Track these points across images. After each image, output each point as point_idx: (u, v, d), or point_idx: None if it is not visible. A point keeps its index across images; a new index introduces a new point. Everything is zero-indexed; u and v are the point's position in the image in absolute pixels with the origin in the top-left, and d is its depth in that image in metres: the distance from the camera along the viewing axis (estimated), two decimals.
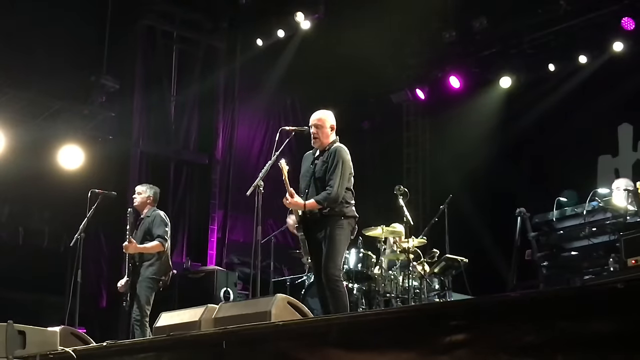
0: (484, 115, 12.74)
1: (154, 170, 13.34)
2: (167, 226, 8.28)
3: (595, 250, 6.89)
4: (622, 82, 11.07)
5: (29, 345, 5.67)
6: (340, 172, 6.42)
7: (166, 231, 8.21)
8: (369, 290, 9.19)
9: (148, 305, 7.99)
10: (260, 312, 5.36)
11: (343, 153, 6.53)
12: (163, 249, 8.13)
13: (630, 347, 3.35)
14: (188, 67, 14.04)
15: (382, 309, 8.69)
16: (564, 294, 3.86)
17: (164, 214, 8.38)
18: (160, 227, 8.18)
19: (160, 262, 8.14)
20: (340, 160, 6.46)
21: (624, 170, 11.16)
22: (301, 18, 13.16)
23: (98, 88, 12.13)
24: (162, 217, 8.30)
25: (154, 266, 8.12)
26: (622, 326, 3.38)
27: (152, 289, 8.08)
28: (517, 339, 3.71)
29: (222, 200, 13.98)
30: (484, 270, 10.53)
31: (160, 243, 8.08)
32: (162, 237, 8.12)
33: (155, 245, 8.09)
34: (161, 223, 8.22)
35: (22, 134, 11.37)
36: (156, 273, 8.11)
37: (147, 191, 8.48)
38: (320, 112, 6.73)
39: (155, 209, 8.42)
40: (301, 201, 6.44)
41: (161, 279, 8.14)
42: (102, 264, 12.22)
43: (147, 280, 8.06)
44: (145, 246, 8.10)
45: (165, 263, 8.22)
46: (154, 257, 8.15)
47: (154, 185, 8.76)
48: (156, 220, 8.22)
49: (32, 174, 11.58)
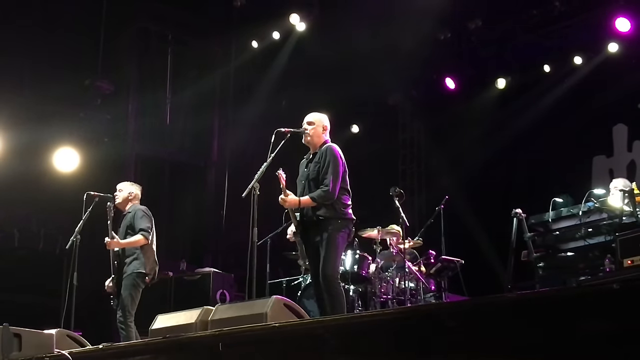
0: (479, 116, 12.75)
1: (149, 172, 13.34)
2: (150, 219, 8.00)
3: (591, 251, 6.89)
4: (617, 82, 11.08)
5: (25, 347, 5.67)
6: (334, 170, 6.43)
7: (149, 225, 7.92)
8: (365, 292, 9.19)
9: (133, 305, 7.71)
10: (256, 314, 5.37)
11: (334, 151, 6.53)
12: (147, 242, 7.84)
13: (627, 347, 3.35)
14: (183, 69, 14.04)
15: (378, 310, 8.69)
16: (560, 294, 3.87)
17: (145, 208, 8.11)
18: (142, 220, 7.89)
19: (145, 256, 7.84)
20: (332, 158, 6.47)
21: (618, 170, 11.18)
22: (296, 20, 13.15)
23: (93, 91, 12.13)
24: (144, 211, 8.02)
25: (138, 260, 7.82)
26: (618, 326, 3.39)
27: (138, 285, 7.78)
28: (514, 339, 3.72)
29: (217, 202, 13.98)
30: (480, 271, 10.53)
31: (144, 237, 7.79)
32: (145, 230, 7.83)
33: (138, 239, 7.80)
34: (143, 216, 7.94)
35: (18, 136, 11.36)
36: (141, 267, 7.80)
37: (128, 188, 8.26)
38: (316, 113, 6.77)
39: (136, 205, 8.17)
40: (296, 198, 6.46)
41: (147, 274, 7.83)
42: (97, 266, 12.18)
43: (131, 277, 7.77)
44: (129, 240, 7.83)
45: (151, 257, 7.91)
46: (137, 251, 7.86)
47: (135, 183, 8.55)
48: (137, 214, 7.95)
49: (28, 177, 11.58)
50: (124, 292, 7.76)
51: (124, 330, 7.63)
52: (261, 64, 14.04)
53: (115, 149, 12.64)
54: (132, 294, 7.76)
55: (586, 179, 11.35)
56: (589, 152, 11.73)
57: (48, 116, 11.90)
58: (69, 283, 8.19)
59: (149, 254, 7.92)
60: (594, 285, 4.55)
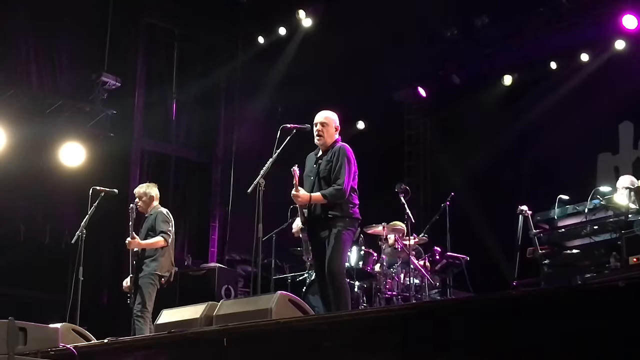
0: (485, 113, 12.72)
1: (155, 167, 13.36)
2: (171, 222, 8.25)
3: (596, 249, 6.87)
4: (624, 80, 11.06)
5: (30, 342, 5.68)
6: (348, 170, 6.46)
7: (169, 227, 8.17)
8: (370, 288, 9.20)
9: (150, 301, 7.94)
10: (261, 310, 5.36)
11: (348, 152, 6.58)
12: (166, 245, 8.09)
13: (632, 346, 3.35)
14: (189, 64, 14.04)
15: (383, 306, 8.70)
16: (566, 292, 3.86)
17: (166, 211, 8.34)
18: (163, 223, 8.14)
19: (162, 258, 8.11)
20: (345, 158, 6.50)
21: (624, 168, 11.15)
22: (303, 16, 13.16)
23: (99, 86, 12.14)
24: (165, 214, 8.27)
25: (156, 262, 8.07)
26: (624, 324, 3.38)
27: (154, 284, 8.03)
28: (518, 337, 3.71)
29: (223, 198, 13.99)
30: (485, 268, 10.53)
31: (164, 239, 8.05)
32: (165, 232, 8.08)
33: (158, 240, 8.05)
34: (164, 219, 8.19)
35: (24, 131, 11.38)
36: (158, 269, 8.07)
37: (147, 192, 8.42)
38: (327, 112, 6.77)
39: (158, 207, 8.39)
40: (307, 194, 6.46)
41: (163, 275, 8.10)
42: (103, 261, 12.21)
43: (149, 276, 8.01)
44: (148, 242, 8.07)
45: (168, 259, 8.19)
46: (156, 253, 8.11)
47: (150, 183, 8.71)
48: (159, 217, 8.19)
49: (34, 171, 11.61)
50: (142, 289, 7.96)
51: (140, 324, 7.80)
52: (267, 59, 14.04)
53: (121, 144, 12.65)
54: (150, 292, 8.00)
55: (592, 176, 11.33)
56: (594, 149, 11.71)
57: (54, 111, 11.92)
58: (75, 277, 8.23)
59: (166, 256, 8.19)
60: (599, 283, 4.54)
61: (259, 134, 14.44)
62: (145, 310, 7.88)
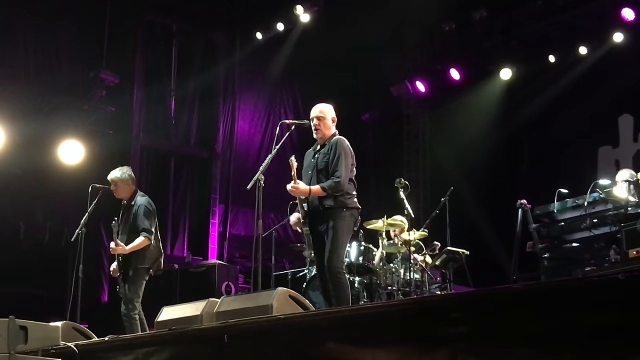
0: (484, 107, 12.73)
1: (154, 164, 13.37)
2: (152, 214, 7.94)
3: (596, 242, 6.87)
4: (623, 73, 11.06)
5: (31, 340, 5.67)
6: (345, 162, 6.45)
7: (151, 223, 7.87)
8: (371, 283, 9.19)
9: (137, 298, 7.73)
10: (261, 306, 5.37)
11: (344, 144, 6.57)
12: (150, 243, 7.82)
13: (631, 338, 3.35)
14: (188, 61, 14.04)
15: (383, 301, 8.69)
16: (565, 285, 3.86)
17: (147, 202, 8.01)
18: (144, 219, 7.85)
19: (148, 251, 7.84)
20: (342, 151, 6.49)
21: (624, 161, 11.15)
22: (300, 11, 13.16)
23: (98, 83, 12.14)
24: (147, 206, 7.95)
25: (140, 256, 7.83)
26: (623, 317, 3.38)
27: (141, 279, 7.81)
28: (519, 330, 3.71)
29: (222, 195, 14.00)
30: (485, 262, 10.53)
31: (146, 238, 7.78)
32: (147, 230, 7.80)
33: (141, 241, 7.77)
34: (146, 213, 7.88)
35: (23, 129, 11.37)
36: (145, 262, 7.82)
37: (122, 178, 8.05)
38: (322, 104, 6.76)
39: (138, 195, 8.07)
40: (306, 187, 6.45)
41: (149, 267, 7.84)
42: (103, 258, 12.22)
43: (137, 270, 7.79)
44: (132, 245, 7.78)
45: (154, 251, 7.91)
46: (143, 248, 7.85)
47: (123, 167, 8.28)
48: (140, 211, 7.89)
49: (33, 169, 11.60)
50: (129, 285, 7.78)
51: (128, 323, 7.65)
52: (265, 55, 14.04)
53: (120, 141, 12.65)
54: (137, 288, 7.78)
55: (592, 169, 11.32)
56: (594, 143, 11.71)
57: (53, 109, 11.91)
58: (75, 275, 8.20)
59: (151, 248, 7.91)
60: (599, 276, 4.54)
61: (259, 129, 14.46)
62: (132, 308, 7.66)
